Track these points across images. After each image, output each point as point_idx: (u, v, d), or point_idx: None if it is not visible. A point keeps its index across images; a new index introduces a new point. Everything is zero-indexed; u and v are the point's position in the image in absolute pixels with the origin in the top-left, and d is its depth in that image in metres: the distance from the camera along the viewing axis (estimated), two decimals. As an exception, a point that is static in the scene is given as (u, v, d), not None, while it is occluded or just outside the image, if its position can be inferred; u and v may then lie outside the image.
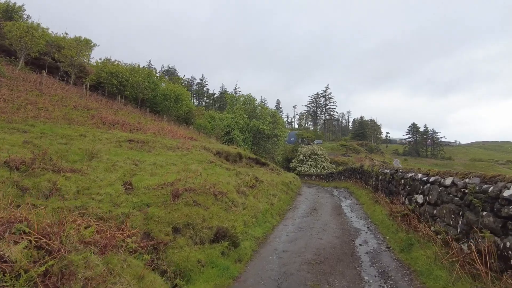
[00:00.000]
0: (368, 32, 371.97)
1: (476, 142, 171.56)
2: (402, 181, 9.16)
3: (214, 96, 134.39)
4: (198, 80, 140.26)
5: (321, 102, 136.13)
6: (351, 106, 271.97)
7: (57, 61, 25.74)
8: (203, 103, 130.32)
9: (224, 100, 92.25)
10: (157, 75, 33.59)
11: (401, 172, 9.54)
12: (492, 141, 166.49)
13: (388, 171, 11.38)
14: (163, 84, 34.30)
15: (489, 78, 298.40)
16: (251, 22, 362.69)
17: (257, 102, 61.61)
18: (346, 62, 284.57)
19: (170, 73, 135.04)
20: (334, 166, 58.22)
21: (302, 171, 54.03)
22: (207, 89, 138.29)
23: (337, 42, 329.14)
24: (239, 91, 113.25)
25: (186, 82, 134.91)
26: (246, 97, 61.67)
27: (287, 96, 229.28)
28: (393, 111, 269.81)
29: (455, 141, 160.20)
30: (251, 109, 59.45)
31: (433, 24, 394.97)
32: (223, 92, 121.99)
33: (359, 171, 19.00)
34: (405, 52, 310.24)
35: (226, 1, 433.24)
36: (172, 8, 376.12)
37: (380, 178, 12.59)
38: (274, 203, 9.58)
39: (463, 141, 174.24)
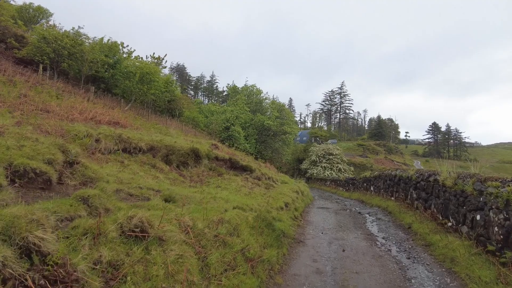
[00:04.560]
0: (389, 37, 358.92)
1: (501, 143, 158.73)
2: None
3: (224, 94, 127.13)
4: (208, 78, 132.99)
5: (336, 99, 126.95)
6: (368, 106, 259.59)
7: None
8: (213, 100, 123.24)
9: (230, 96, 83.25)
10: (125, 49, 25.21)
11: None
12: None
13: None
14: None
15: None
16: (279, 32, 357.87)
17: (263, 94, 52.42)
18: (365, 66, 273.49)
19: (179, 70, 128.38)
20: (352, 168, 49.10)
21: (315, 174, 45.03)
22: (217, 86, 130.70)
23: (358, 45, 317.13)
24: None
25: (193, 77, 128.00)
26: (250, 88, 52.81)
27: (305, 98, 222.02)
28: (411, 111, 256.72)
29: (476, 142, 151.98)
30: (256, 102, 50.64)
31: (455, 26, 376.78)
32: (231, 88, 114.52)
33: (418, 186, 10.16)
34: (425, 54, 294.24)
35: (257, 15, 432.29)
36: (210, 20, 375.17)
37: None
38: None
39: (484, 142, 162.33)
